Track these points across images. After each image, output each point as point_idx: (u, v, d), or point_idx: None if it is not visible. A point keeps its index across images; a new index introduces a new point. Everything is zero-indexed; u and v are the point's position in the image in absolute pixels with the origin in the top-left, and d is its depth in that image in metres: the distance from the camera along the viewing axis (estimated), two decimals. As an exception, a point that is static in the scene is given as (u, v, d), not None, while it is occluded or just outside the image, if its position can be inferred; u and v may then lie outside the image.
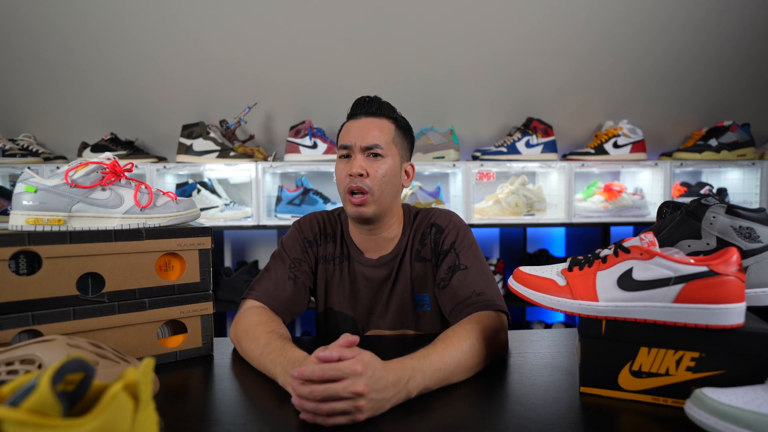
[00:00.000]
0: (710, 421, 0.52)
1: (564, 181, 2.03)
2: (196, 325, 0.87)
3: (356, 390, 0.58)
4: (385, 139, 1.00)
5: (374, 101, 1.02)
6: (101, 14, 2.05)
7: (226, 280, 2.00)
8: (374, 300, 1.05)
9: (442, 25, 2.13)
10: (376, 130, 0.99)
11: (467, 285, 0.93)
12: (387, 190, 0.99)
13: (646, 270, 0.63)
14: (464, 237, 1.01)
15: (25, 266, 0.74)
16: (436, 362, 0.69)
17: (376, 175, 0.98)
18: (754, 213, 0.67)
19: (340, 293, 1.07)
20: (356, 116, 1.02)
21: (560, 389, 0.71)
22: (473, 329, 0.78)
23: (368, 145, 0.98)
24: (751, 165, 2.09)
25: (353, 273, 1.06)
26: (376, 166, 0.98)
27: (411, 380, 0.65)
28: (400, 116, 1.05)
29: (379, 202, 0.99)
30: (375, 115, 1.01)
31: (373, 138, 0.98)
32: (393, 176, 1.00)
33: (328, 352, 0.62)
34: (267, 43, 2.13)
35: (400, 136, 1.04)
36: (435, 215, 1.06)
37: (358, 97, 1.04)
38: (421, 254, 1.04)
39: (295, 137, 2.00)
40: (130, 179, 0.85)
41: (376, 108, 1.02)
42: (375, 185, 0.97)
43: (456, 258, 0.98)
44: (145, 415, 0.37)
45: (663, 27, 2.18)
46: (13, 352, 0.60)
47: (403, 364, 0.66)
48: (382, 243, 1.05)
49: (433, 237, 1.03)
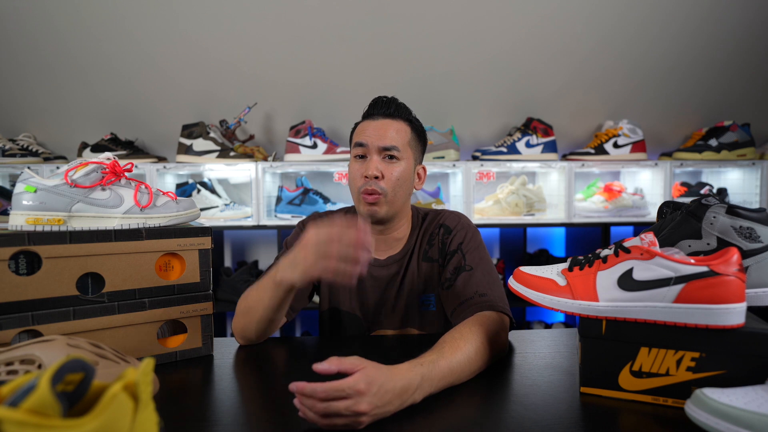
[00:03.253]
0: (711, 422, 0.52)
1: (564, 181, 2.03)
2: (196, 325, 0.87)
3: (358, 410, 0.57)
4: (402, 141, 0.99)
5: (392, 102, 1.02)
6: (101, 14, 2.05)
7: (226, 280, 2.00)
8: (381, 299, 1.06)
9: (442, 25, 2.14)
10: (393, 131, 0.99)
11: (471, 285, 0.93)
12: (400, 193, 1.00)
13: (646, 270, 0.63)
14: (472, 238, 1.01)
15: (25, 266, 0.74)
16: (444, 368, 0.68)
17: (391, 177, 0.98)
18: (754, 213, 0.67)
19: (347, 293, 1.07)
20: (373, 116, 1.02)
21: (560, 389, 0.71)
22: (478, 332, 0.78)
23: (385, 146, 0.98)
24: (751, 165, 2.09)
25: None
26: (391, 168, 0.98)
27: (419, 389, 0.64)
28: (415, 118, 1.05)
29: (392, 203, 0.99)
30: (392, 117, 1.01)
31: (390, 139, 0.98)
32: (407, 179, 1.00)
33: (325, 365, 0.59)
34: (267, 43, 2.13)
35: (415, 138, 1.04)
36: (444, 216, 1.06)
37: (375, 97, 1.03)
38: (428, 254, 1.05)
39: (295, 137, 2.00)
40: (130, 179, 0.85)
41: (394, 109, 1.01)
42: (389, 187, 0.98)
43: (462, 259, 0.98)
44: (145, 416, 0.37)
45: (663, 27, 2.18)
46: (13, 352, 0.60)
47: (412, 371, 0.64)
48: (391, 243, 1.06)
49: (441, 237, 1.04)
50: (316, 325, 2.34)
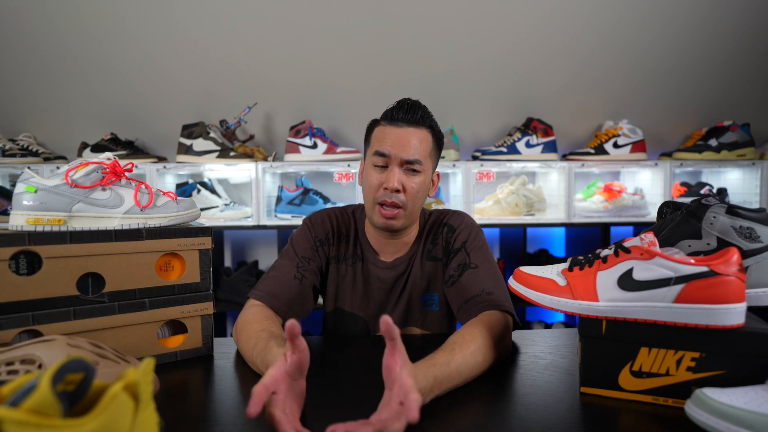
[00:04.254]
0: (711, 422, 0.52)
1: (564, 181, 2.03)
2: (196, 325, 0.87)
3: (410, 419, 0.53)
4: (424, 152, 0.97)
5: (417, 108, 0.98)
6: (101, 14, 2.05)
7: (226, 280, 2.00)
8: (386, 300, 1.06)
9: (442, 25, 2.13)
10: (417, 141, 0.96)
11: (477, 283, 0.93)
12: (418, 204, 0.99)
13: (646, 270, 0.63)
14: (476, 237, 1.01)
15: (26, 266, 0.74)
16: (454, 372, 0.68)
17: (411, 190, 0.96)
18: (754, 213, 0.67)
19: (353, 294, 1.07)
20: (396, 122, 0.97)
21: (560, 389, 0.71)
22: (486, 334, 0.77)
23: (409, 160, 0.95)
24: (751, 165, 2.09)
25: (367, 274, 1.07)
26: (412, 181, 0.96)
27: (429, 394, 0.63)
28: (436, 124, 1.02)
29: (410, 216, 0.99)
30: (416, 125, 0.97)
31: (413, 152, 0.95)
32: (425, 189, 1.00)
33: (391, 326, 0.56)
34: (267, 43, 2.13)
35: (435, 147, 1.01)
36: (448, 215, 1.06)
37: (400, 99, 1.00)
38: (432, 253, 1.05)
39: (295, 137, 2.00)
40: (130, 179, 0.85)
41: (420, 116, 0.97)
42: (409, 200, 0.96)
43: (467, 257, 0.98)
44: (145, 415, 0.37)
45: (663, 27, 2.18)
46: (14, 352, 0.60)
47: (426, 373, 0.63)
48: (400, 246, 1.06)
49: (445, 236, 1.04)
50: (316, 325, 2.34)
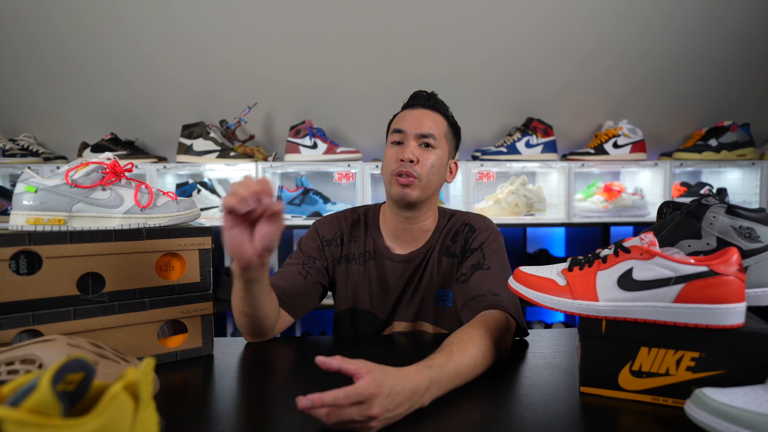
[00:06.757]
0: (710, 421, 0.52)
1: (564, 181, 2.03)
2: (197, 325, 0.87)
3: (371, 414, 0.56)
4: (439, 131, 1.03)
5: (432, 96, 1.07)
6: (101, 14, 2.05)
7: (226, 280, 2.00)
8: (401, 295, 1.07)
9: (442, 25, 2.14)
10: (431, 121, 1.04)
11: (486, 284, 0.94)
12: (433, 180, 1.03)
13: (646, 270, 0.63)
14: (494, 240, 1.03)
15: (26, 266, 0.74)
16: (452, 372, 0.68)
17: (426, 163, 1.01)
18: (754, 213, 0.67)
19: (367, 292, 1.07)
20: (412, 106, 1.06)
21: (560, 389, 0.71)
22: (485, 334, 0.77)
23: (423, 133, 1.01)
24: (750, 165, 2.09)
25: (381, 270, 1.08)
26: (426, 155, 1.01)
27: (427, 393, 0.64)
28: (452, 115, 1.10)
29: (425, 188, 1.02)
30: (431, 108, 1.06)
31: (427, 128, 1.02)
32: (440, 168, 1.04)
33: (327, 360, 0.58)
34: (267, 43, 2.13)
35: (451, 132, 1.08)
36: (470, 216, 1.09)
37: (415, 90, 1.08)
38: (450, 250, 1.06)
39: (295, 137, 2.00)
40: (130, 179, 0.85)
41: (433, 102, 1.06)
42: (423, 172, 1.01)
43: (482, 257, 0.99)
44: (145, 415, 0.37)
45: (663, 27, 2.18)
46: (14, 352, 0.60)
47: (421, 374, 0.64)
48: (416, 235, 1.07)
49: (465, 235, 1.05)
50: (316, 325, 2.34)
